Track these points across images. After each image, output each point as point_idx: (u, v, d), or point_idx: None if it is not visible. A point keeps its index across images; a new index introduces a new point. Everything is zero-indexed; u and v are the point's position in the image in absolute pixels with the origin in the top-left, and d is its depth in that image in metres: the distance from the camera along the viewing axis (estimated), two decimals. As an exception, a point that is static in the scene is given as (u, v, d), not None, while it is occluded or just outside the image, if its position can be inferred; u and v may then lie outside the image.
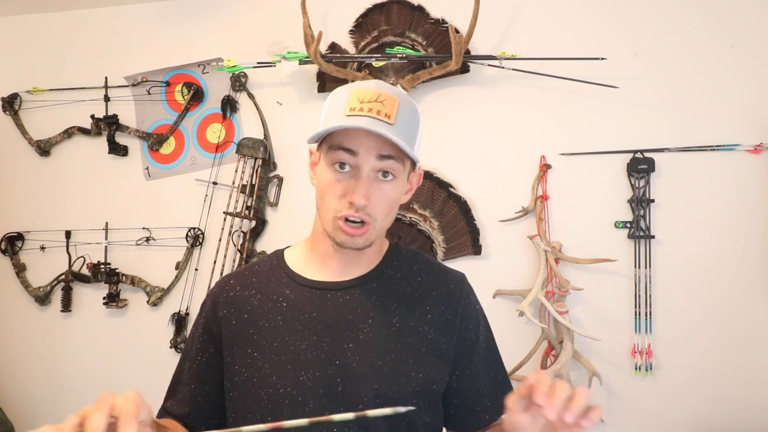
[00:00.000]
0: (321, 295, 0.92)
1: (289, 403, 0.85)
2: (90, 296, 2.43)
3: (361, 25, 2.20)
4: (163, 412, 0.97)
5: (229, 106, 2.31)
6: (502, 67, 2.04)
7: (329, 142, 0.87)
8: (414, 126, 0.89)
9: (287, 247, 1.02)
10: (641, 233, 1.96)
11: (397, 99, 0.87)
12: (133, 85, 2.42)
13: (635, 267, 1.97)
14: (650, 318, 1.95)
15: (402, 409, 0.70)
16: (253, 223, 2.23)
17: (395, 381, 0.86)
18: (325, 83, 2.20)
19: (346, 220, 0.86)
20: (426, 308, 0.93)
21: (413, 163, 0.93)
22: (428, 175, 2.12)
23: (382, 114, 0.84)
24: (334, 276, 0.94)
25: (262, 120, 2.28)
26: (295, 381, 0.86)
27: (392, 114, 0.84)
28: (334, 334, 0.88)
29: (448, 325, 0.93)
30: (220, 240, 2.24)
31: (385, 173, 0.87)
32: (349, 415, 0.71)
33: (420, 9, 2.15)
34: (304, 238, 1.01)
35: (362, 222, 0.86)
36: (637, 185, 1.97)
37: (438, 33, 2.12)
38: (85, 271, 2.41)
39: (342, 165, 0.86)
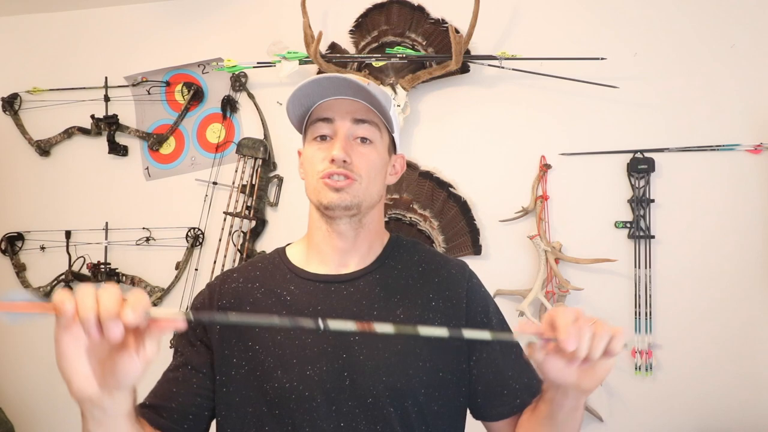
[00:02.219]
0: (325, 288, 0.92)
1: (296, 397, 0.85)
2: (90, 296, 2.42)
3: (361, 25, 2.20)
4: (139, 408, 0.89)
5: (229, 106, 2.31)
6: (502, 67, 2.04)
7: (309, 121, 0.94)
8: (385, 97, 0.93)
9: (288, 245, 1.03)
10: (641, 233, 1.96)
11: (366, 79, 0.93)
12: (133, 85, 2.42)
13: (635, 267, 1.97)
14: (650, 318, 1.95)
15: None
16: (253, 223, 2.23)
17: (403, 372, 0.87)
18: (325, 83, 2.19)
19: (329, 179, 0.89)
20: (429, 296, 0.93)
21: (393, 143, 0.98)
22: (428, 175, 2.12)
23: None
24: (336, 268, 0.94)
25: (262, 120, 2.28)
26: (301, 375, 0.86)
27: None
28: None
29: (454, 311, 0.93)
30: (220, 240, 2.24)
31: (363, 139, 0.91)
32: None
33: (420, 9, 2.14)
34: (303, 236, 1.02)
35: (347, 178, 0.89)
36: (637, 185, 1.97)
37: (438, 33, 2.12)
38: (85, 271, 2.41)
39: (323, 137, 0.91)
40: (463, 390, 0.93)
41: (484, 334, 0.70)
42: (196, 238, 2.31)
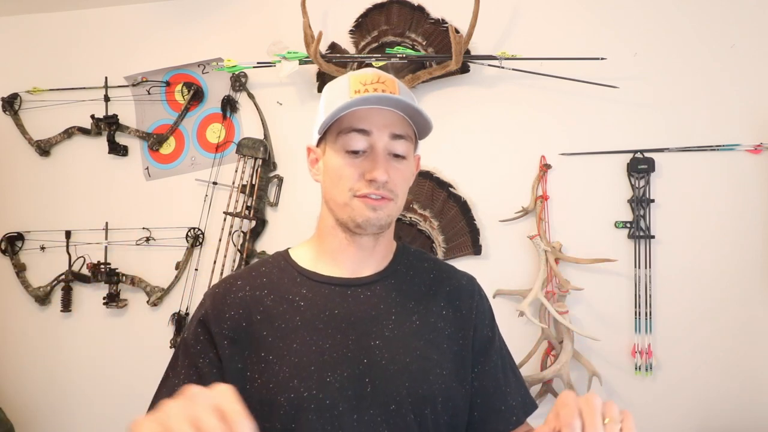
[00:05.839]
0: (341, 291, 0.88)
1: (315, 407, 0.80)
2: (90, 296, 2.42)
3: (361, 25, 2.20)
4: None
5: (229, 106, 2.31)
6: (502, 67, 2.04)
7: (338, 127, 0.87)
8: (413, 101, 0.90)
9: (289, 248, 0.98)
10: (641, 233, 1.96)
11: (395, 80, 0.89)
12: (133, 85, 2.42)
13: (635, 267, 1.97)
14: (650, 318, 1.95)
15: None
16: (253, 223, 2.23)
17: (425, 379, 0.84)
18: (325, 83, 2.19)
19: (366, 197, 0.85)
20: (441, 305, 0.92)
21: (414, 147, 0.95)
22: (428, 175, 2.12)
23: (387, 91, 0.85)
24: (349, 272, 0.91)
25: (262, 120, 2.28)
26: (320, 383, 0.81)
27: (395, 91, 0.86)
28: (360, 332, 0.85)
29: (464, 321, 0.92)
30: (220, 240, 2.24)
31: (397, 155, 0.87)
32: None
33: (420, 9, 2.14)
34: (306, 239, 0.98)
35: (384, 199, 0.86)
36: (637, 185, 1.97)
37: (438, 33, 2.12)
38: (85, 271, 2.41)
39: (355, 150, 0.86)
40: (468, 403, 0.91)
41: None
42: (196, 238, 2.31)
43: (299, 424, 0.80)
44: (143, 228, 2.38)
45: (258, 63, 2.19)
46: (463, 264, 2.07)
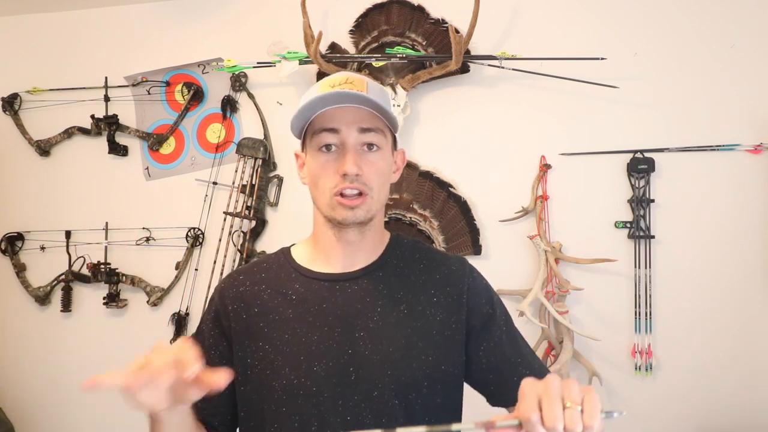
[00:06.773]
0: (329, 287, 0.94)
1: (303, 393, 0.88)
2: (90, 296, 2.42)
3: (361, 25, 2.20)
4: None
5: (229, 106, 2.31)
6: (502, 67, 2.04)
7: (311, 130, 0.92)
8: (385, 98, 0.94)
9: (293, 245, 1.04)
10: (641, 233, 1.96)
11: (365, 79, 0.93)
12: (133, 85, 2.42)
13: (635, 267, 1.97)
14: (650, 318, 1.95)
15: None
16: (253, 223, 2.24)
17: (407, 366, 0.89)
18: (325, 83, 2.19)
19: (343, 195, 0.89)
20: (431, 292, 0.96)
21: (394, 141, 0.98)
22: (428, 175, 2.12)
23: (354, 89, 0.89)
24: (340, 267, 0.96)
25: (262, 120, 2.28)
26: (308, 372, 0.88)
27: (363, 89, 0.90)
28: (345, 325, 0.91)
29: (456, 305, 0.95)
30: (220, 240, 2.24)
31: (370, 145, 0.91)
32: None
33: (420, 9, 2.14)
34: (308, 236, 1.03)
35: (360, 193, 0.90)
36: (637, 185, 1.97)
37: (438, 33, 2.12)
38: (85, 271, 2.41)
39: (328, 147, 0.90)
40: (462, 382, 0.97)
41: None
42: (196, 238, 2.31)
43: (289, 408, 0.89)
44: (143, 228, 2.38)
45: (258, 63, 2.19)
46: (463, 264, 2.07)
